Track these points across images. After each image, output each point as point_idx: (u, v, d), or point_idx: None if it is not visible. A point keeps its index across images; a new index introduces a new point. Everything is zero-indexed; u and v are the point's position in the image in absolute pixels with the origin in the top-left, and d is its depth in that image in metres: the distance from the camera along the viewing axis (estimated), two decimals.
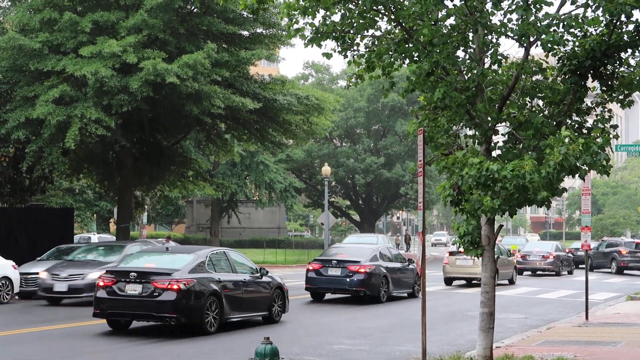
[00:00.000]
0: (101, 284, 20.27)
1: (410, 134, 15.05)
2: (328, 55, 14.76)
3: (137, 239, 52.68)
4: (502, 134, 14.50)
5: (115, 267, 21.71)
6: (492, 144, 14.20)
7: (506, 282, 40.54)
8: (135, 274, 19.89)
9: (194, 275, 20.14)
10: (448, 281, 39.53)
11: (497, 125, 14.12)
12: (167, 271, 20.00)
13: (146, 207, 63.37)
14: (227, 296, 20.89)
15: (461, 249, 14.65)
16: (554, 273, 49.84)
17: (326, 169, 56.98)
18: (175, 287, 19.53)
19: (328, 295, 30.72)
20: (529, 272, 49.43)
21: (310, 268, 29.92)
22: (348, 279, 29.17)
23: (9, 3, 36.84)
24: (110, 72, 31.32)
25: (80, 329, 21.18)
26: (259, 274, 22.75)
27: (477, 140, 14.20)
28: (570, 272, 51.87)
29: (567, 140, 12.16)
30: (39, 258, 31.05)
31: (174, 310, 19.51)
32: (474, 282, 37.35)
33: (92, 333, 20.39)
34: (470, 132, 14.70)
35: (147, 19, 32.50)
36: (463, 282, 39.17)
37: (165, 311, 19.54)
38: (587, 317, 24.37)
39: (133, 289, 19.79)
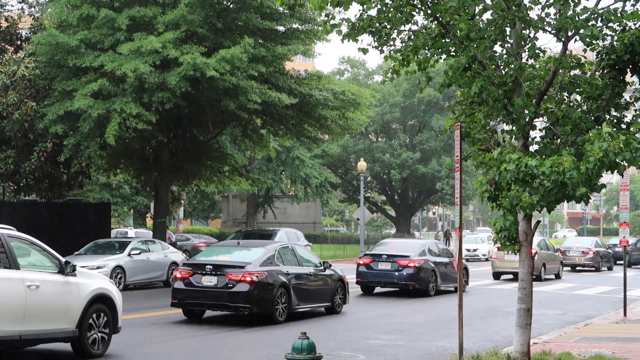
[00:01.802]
0: (178, 275, 21.57)
1: (447, 130, 15.02)
2: (364, 50, 14.76)
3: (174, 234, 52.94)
4: (539, 129, 14.41)
5: (192, 260, 22.81)
6: (530, 139, 14.11)
7: (553, 276, 41.00)
8: (211, 267, 21.13)
9: (264, 268, 21.35)
10: (496, 275, 40.07)
11: (534, 120, 14.03)
12: (241, 264, 21.24)
13: (182, 202, 63.69)
14: (294, 288, 22.09)
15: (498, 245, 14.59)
16: (593, 269, 49.63)
17: (362, 164, 56.94)
18: (248, 279, 20.73)
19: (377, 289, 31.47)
20: (569, 268, 49.17)
21: (361, 262, 30.86)
22: (397, 273, 30.00)
23: None
24: (149, 69, 31.43)
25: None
26: (322, 267, 23.95)
27: (514, 136, 14.12)
28: (610, 268, 51.60)
29: (607, 136, 12.05)
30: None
31: (247, 301, 20.71)
32: None
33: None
34: (507, 127, 14.63)
35: (186, 14, 32.59)
36: (510, 276, 39.13)
37: (239, 301, 20.75)
38: (625, 314, 24.19)
39: (209, 281, 21.04)
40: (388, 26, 14.37)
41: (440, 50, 14.13)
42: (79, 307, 15.22)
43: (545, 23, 13.38)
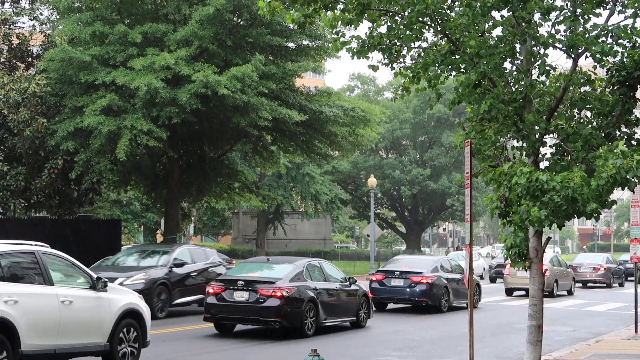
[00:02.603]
0: (211, 291, 22.37)
1: (457, 146, 15.02)
2: (374, 68, 14.79)
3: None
4: (550, 146, 14.40)
5: (224, 276, 23.64)
6: (540, 156, 14.11)
7: (565, 293, 40.99)
8: (243, 282, 21.92)
9: (294, 283, 22.16)
10: (509, 292, 40.02)
11: (544, 137, 14.03)
12: (271, 280, 22.09)
13: (193, 218, 63.72)
14: (322, 302, 22.90)
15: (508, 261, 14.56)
16: (604, 285, 49.50)
17: (372, 181, 56.89)
18: (278, 294, 21.53)
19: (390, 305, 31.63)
20: (580, 284, 49.00)
21: (374, 279, 31.13)
22: (410, 289, 30.24)
23: (58, 17, 37.29)
24: (161, 85, 31.54)
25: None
26: (347, 282, 24.77)
27: (524, 152, 14.11)
28: (621, 285, 51.45)
29: (620, 154, 12.01)
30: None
31: (277, 315, 21.50)
32: None
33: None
34: (517, 144, 14.62)
35: (197, 31, 32.68)
36: (523, 292, 39.01)
37: (270, 316, 21.54)
38: (636, 330, 24.09)
39: (240, 296, 21.85)
40: (398, 43, 14.41)
41: (450, 67, 14.15)
42: (110, 322, 15.83)
43: (555, 40, 13.38)
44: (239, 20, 35.38)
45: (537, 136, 13.76)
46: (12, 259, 14.63)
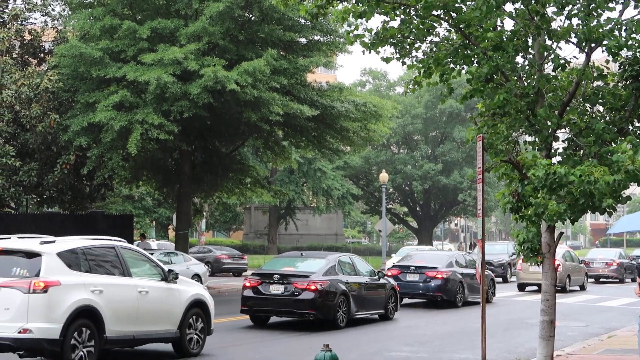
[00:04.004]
0: (247, 284, 23.34)
1: (469, 141, 14.98)
2: (387, 60, 14.71)
3: (195, 246, 52.96)
4: (562, 141, 14.36)
5: (260, 270, 24.40)
6: (552, 151, 14.06)
7: (577, 288, 41.03)
8: (278, 276, 22.87)
9: (327, 277, 23.05)
10: (521, 287, 40.02)
11: (557, 131, 13.98)
12: (305, 274, 23.00)
13: (205, 213, 63.78)
14: (353, 296, 23.74)
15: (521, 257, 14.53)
16: (617, 280, 49.42)
17: (384, 176, 56.81)
18: (313, 287, 22.44)
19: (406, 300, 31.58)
20: (592, 279, 48.91)
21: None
22: (425, 285, 30.52)
23: (70, 12, 37.31)
24: (171, 79, 31.53)
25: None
26: (376, 276, 25.64)
27: (537, 147, 14.06)
28: (633, 280, 51.29)
29: (629, 148, 11.94)
30: None
31: (312, 308, 22.42)
32: None
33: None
34: (529, 139, 14.58)
35: (207, 27, 32.65)
36: (535, 288, 38.95)
37: (304, 308, 22.48)
38: None
39: (276, 289, 22.79)
40: (411, 37, 14.35)
41: (462, 61, 14.10)
42: (180, 311, 17.18)
43: (569, 33, 13.31)
44: (251, 15, 35.33)
45: (549, 131, 13.72)
46: (96, 252, 16.00)
